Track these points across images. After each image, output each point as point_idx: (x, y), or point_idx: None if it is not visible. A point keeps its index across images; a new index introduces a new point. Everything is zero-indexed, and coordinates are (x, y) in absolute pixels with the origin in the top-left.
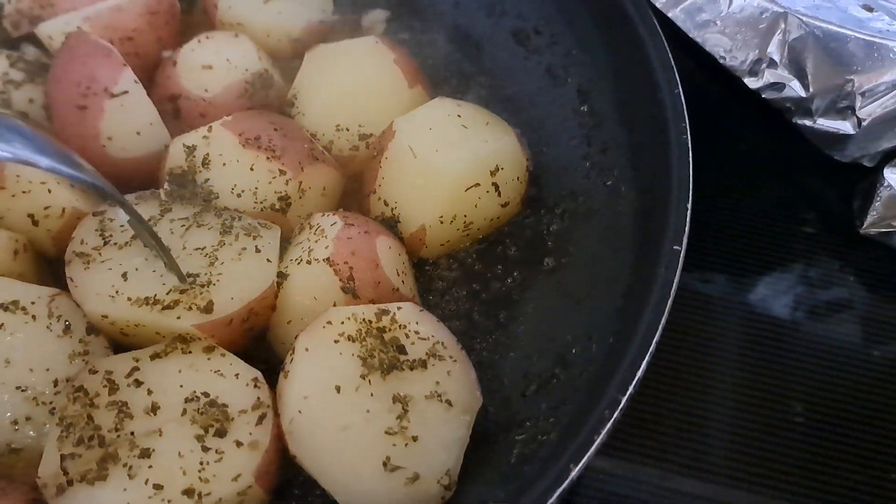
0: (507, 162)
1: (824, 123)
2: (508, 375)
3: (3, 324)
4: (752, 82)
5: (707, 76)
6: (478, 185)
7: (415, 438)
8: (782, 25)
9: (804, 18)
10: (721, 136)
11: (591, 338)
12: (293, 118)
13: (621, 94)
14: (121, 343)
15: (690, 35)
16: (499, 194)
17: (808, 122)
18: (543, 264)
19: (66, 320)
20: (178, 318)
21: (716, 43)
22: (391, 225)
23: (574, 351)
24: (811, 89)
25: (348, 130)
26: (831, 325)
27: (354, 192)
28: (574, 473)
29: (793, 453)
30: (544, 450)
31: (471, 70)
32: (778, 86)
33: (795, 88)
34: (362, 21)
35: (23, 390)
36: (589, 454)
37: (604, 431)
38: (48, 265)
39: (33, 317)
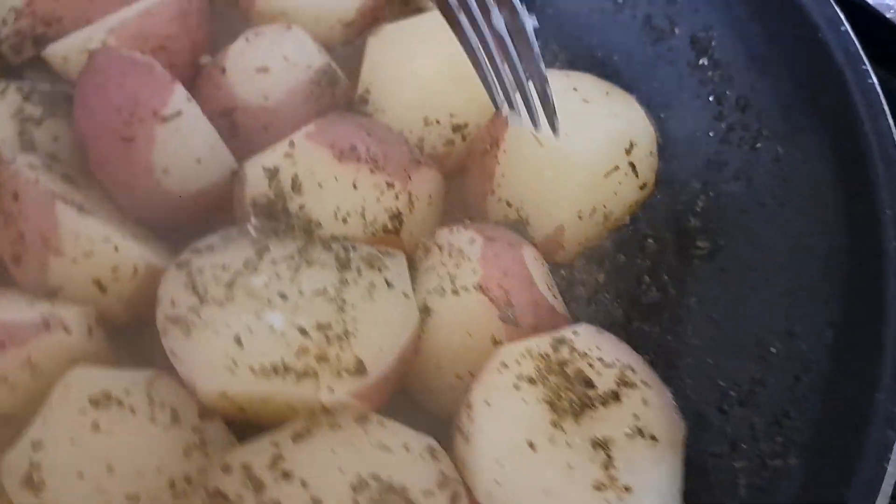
0: (639, 136)
1: None
2: (693, 388)
3: (95, 422)
4: None
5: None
6: (616, 167)
7: (627, 489)
8: None
9: None
10: None
11: (793, 332)
12: (370, 117)
13: (753, 39)
14: (235, 420)
15: None
16: (636, 175)
17: None
18: (696, 249)
19: (172, 407)
20: (331, 389)
21: None
22: (518, 229)
23: (773, 350)
24: None
25: (439, 123)
26: None
27: (451, 194)
28: None
29: None
30: (787, 481)
31: (546, 32)
32: None
33: None
34: None
35: (135, 500)
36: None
37: (891, 456)
38: (119, 337)
39: (131, 409)
